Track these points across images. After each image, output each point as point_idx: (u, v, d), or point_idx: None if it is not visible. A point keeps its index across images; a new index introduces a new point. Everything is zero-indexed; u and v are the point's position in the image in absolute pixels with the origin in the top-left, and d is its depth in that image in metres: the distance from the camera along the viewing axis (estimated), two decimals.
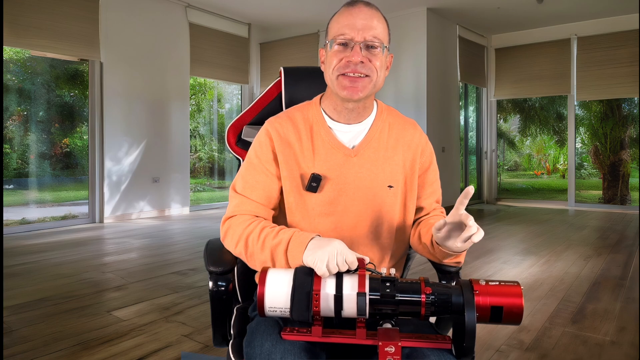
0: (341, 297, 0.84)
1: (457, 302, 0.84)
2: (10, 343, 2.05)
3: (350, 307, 0.84)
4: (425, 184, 1.15)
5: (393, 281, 0.85)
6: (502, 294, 0.83)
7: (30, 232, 4.82)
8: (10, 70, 5.23)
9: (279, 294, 0.85)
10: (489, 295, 0.83)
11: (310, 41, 7.08)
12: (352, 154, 1.07)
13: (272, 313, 0.86)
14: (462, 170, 7.54)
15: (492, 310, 0.83)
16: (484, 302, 0.83)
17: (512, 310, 0.83)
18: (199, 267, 3.38)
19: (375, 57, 1.00)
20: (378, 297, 0.84)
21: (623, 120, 8.07)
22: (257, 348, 0.86)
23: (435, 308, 0.84)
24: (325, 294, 0.84)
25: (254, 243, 0.97)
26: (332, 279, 0.86)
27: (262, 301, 0.86)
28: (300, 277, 0.86)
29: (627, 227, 5.26)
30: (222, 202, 7.30)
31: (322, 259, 0.86)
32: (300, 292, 0.84)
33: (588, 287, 2.95)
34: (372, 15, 1.01)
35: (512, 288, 0.84)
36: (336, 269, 0.86)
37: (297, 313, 0.84)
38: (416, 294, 0.84)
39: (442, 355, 0.87)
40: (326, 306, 0.84)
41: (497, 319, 0.83)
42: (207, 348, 2.02)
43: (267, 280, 0.87)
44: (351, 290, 0.84)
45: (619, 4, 6.01)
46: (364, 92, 1.01)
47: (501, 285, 0.85)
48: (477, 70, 7.46)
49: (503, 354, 1.98)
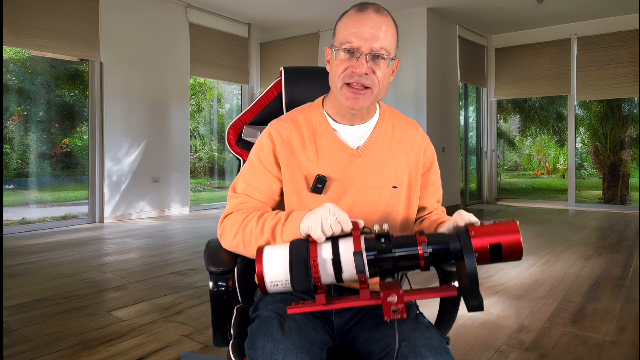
0: (339, 260, 0.84)
1: (455, 248, 0.84)
2: (10, 343, 2.04)
3: (349, 268, 0.84)
4: (428, 184, 1.16)
5: (387, 236, 0.85)
6: (498, 232, 0.84)
7: (30, 232, 4.82)
8: (10, 70, 5.22)
9: (277, 268, 0.86)
10: (485, 235, 0.83)
11: (310, 41, 7.08)
12: (356, 155, 1.07)
13: (274, 288, 0.86)
14: (462, 170, 7.54)
15: (491, 249, 0.83)
16: (482, 243, 0.83)
17: (511, 247, 0.83)
18: (199, 267, 3.38)
19: (379, 68, 1.00)
20: (375, 254, 0.84)
21: (623, 120, 8.07)
22: (260, 350, 0.86)
23: (434, 258, 0.84)
24: (322, 260, 0.85)
25: (253, 229, 0.98)
26: (328, 245, 0.86)
27: (262, 279, 0.86)
28: (296, 247, 0.87)
29: (627, 227, 5.26)
30: (222, 202, 7.29)
31: (316, 221, 0.87)
32: (297, 262, 0.85)
33: (588, 287, 2.95)
34: (381, 24, 0.99)
35: (507, 225, 0.84)
36: (330, 230, 0.87)
37: (297, 283, 0.84)
38: (412, 246, 0.84)
39: (440, 354, 0.87)
40: (325, 272, 0.85)
41: (497, 257, 0.84)
42: (207, 348, 2.02)
43: (264, 258, 0.87)
44: (347, 251, 0.85)
45: (619, 4, 6.01)
46: (365, 103, 1.02)
47: (496, 224, 0.85)
48: (477, 70, 7.46)
49: (503, 354, 1.98)
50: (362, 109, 1.04)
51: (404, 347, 0.89)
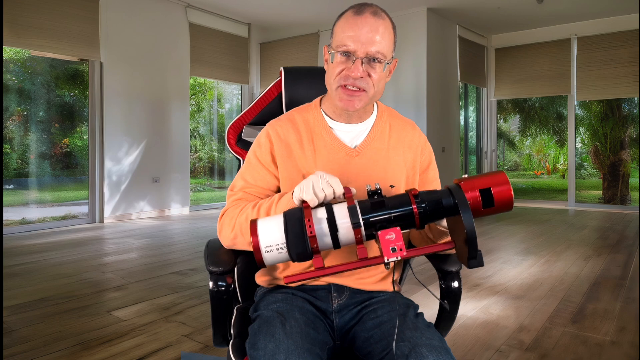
0: (333, 219, 0.84)
1: (448, 204, 0.84)
2: (10, 343, 2.04)
3: (344, 225, 0.84)
4: (426, 183, 1.16)
5: (379, 193, 0.86)
6: (487, 182, 0.84)
7: (30, 232, 4.82)
8: (10, 70, 5.22)
9: (272, 232, 0.85)
10: (475, 187, 0.84)
11: (310, 41, 7.08)
12: (354, 154, 1.08)
13: (270, 254, 0.85)
14: (462, 170, 7.54)
15: (482, 196, 0.83)
16: (473, 192, 0.83)
17: (501, 193, 0.83)
18: (199, 267, 3.38)
19: (374, 72, 1.00)
20: (369, 210, 0.84)
21: (623, 120, 8.07)
22: (261, 350, 0.86)
23: (428, 216, 0.85)
24: (317, 219, 0.85)
25: (249, 215, 0.99)
26: (322, 209, 0.87)
27: (257, 247, 0.85)
28: (290, 212, 0.86)
29: (627, 227, 5.26)
30: (222, 202, 7.30)
31: (307, 185, 0.89)
32: (292, 222, 0.84)
33: (588, 287, 2.95)
34: (378, 27, 0.99)
35: (496, 175, 0.85)
36: (322, 192, 0.88)
37: (294, 245, 0.84)
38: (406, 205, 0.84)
39: (441, 355, 0.87)
40: (321, 232, 0.84)
41: (489, 204, 0.83)
42: (207, 348, 2.02)
43: (258, 227, 0.87)
44: (341, 210, 0.85)
45: (619, 4, 6.01)
46: (360, 105, 1.03)
47: (485, 175, 0.85)
48: (477, 70, 7.46)
49: (503, 354, 1.98)
50: (356, 111, 1.05)
51: (404, 347, 0.89)
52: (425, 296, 2.67)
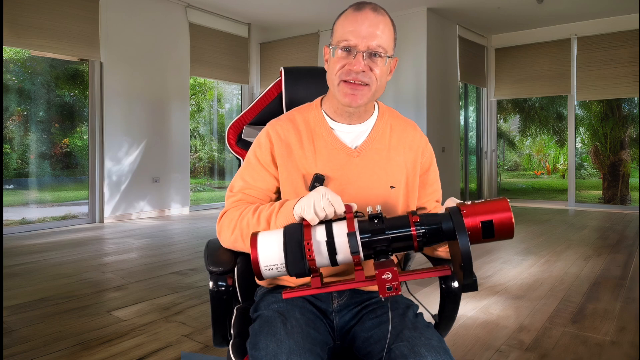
0: (333, 242, 0.85)
1: (447, 228, 0.84)
2: (10, 343, 2.04)
3: (343, 249, 0.84)
4: (427, 184, 1.16)
5: (380, 217, 0.86)
6: (489, 210, 0.83)
7: (30, 232, 4.82)
8: (10, 70, 5.22)
9: (272, 251, 0.86)
10: (477, 214, 0.83)
11: (310, 41, 7.08)
12: (354, 154, 1.07)
13: (269, 272, 0.86)
14: (462, 170, 7.54)
15: (483, 227, 0.83)
16: (474, 221, 0.83)
17: (502, 224, 0.83)
18: (199, 267, 3.38)
19: (376, 66, 1.00)
20: (369, 235, 0.84)
21: (623, 120, 8.07)
22: (263, 350, 0.86)
23: (427, 239, 0.84)
24: (317, 242, 0.85)
25: (250, 221, 0.98)
26: (322, 228, 0.87)
27: (257, 263, 0.86)
28: (290, 230, 0.87)
29: (627, 227, 5.26)
30: (222, 202, 7.29)
31: (309, 204, 0.88)
32: (292, 244, 0.85)
33: (588, 287, 2.95)
34: (378, 22, 0.99)
35: (498, 203, 0.84)
36: (323, 211, 0.87)
37: (292, 265, 0.84)
38: (406, 227, 0.85)
39: (440, 355, 0.87)
40: (320, 254, 0.85)
41: (489, 235, 0.83)
42: (207, 348, 2.02)
43: (258, 242, 0.87)
44: (341, 233, 0.85)
45: (619, 4, 6.01)
46: (363, 100, 1.02)
47: (487, 202, 0.85)
48: (477, 70, 7.46)
49: (503, 354, 1.98)
50: (359, 107, 1.04)
51: (403, 347, 0.89)
52: (425, 296, 2.67)
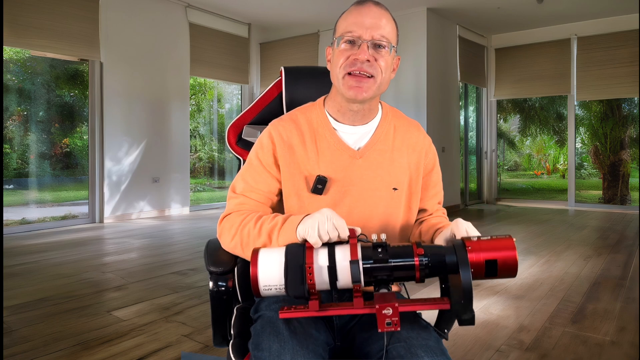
0: (334, 267, 0.84)
1: (451, 261, 0.83)
2: (10, 343, 2.04)
3: (344, 276, 0.84)
4: (429, 186, 1.15)
5: (384, 246, 0.85)
6: (494, 247, 0.83)
7: (30, 232, 4.82)
8: (10, 70, 5.22)
9: (272, 271, 0.85)
10: (482, 250, 0.83)
11: (310, 41, 7.08)
12: (357, 156, 1.07)
13: (267, 292, 0.86)
14: (462, 170, 7.54)
15: (487, 265, 0.83)
16: (478, 257, 0.83)
17: (506, 263, 0.83)
18: (199, 267, 3.38)
19: (381, 57, 1.00)
20: (371, 263, 0.84)
21: (623, 120, 8.07)
22: (266, 350, 0.86)
23: (429, 270, 0.84)
24: (318, 267, 0.84)
25: (251, 230, 0.97)
26: (324, 251, 0.86)
27: (255, 281, 0.85)
28: (292, 252, 0.86)
29: (627, 227, 5.26)
30: (222, 202, 7.29)
31: (313, 226, 0.87)
32: (293, 267, 0.84)
33: (588, 287, 2.95)
34: (381, 15, 1.00)
35: (504, 241, 0.84)
36: (327, 235, 0.86)
37: (292, 288, 0.83)
38: (409, 257, 0.84)
39: (436, 354, 0.87)
40: (320, 278, 0.84)
41: (492, 273, 0.83)
42: (207, 348, 2.02)
43: (259, 260, 0.86)
44: (344, 259, 0.84)
45: (619, 4, 6.01)
46: (369, 93, 1.01)
47: (493, 240, 0.84)
48: (477, 70, 7.46)
49: (503, 354, 1.97)
50: (364, 100, 1.02)
51: (400, 348, 0.89)
52: (425, 296, 2.67)
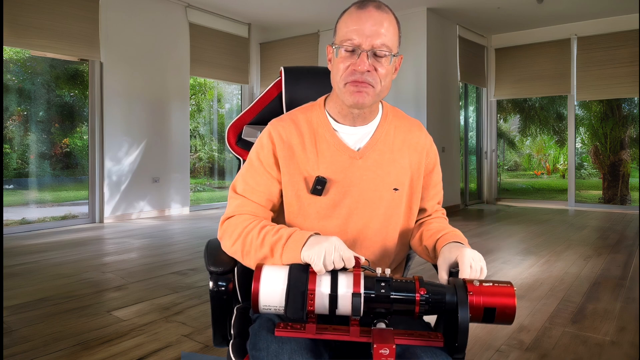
0: (336, 296, 0.84)
1: (450, 301, 0.84)
2: (10, 343, 2.04)
3: (345, 306, 0.84)
4: (429, 186, 1.15)
5: (388, 281, 0.85)
6: (495, 294, 0.84)
7: (30, 232, 4.82)
8: (10, 70, 5.22)
9: (273, 291, 0.85)
10: (482, 295, 0.84)
11: (310, 41, 7.08)
12: (357, 157, 1.06)
13: (267, 311, 0.86)
14: (462, 170, 7.54)
15: (485, 311, 0.84)
16: (477, 302, 0.84)
17: (504, 311, 0.84)
18: (199, 267, 3.38)
19: (381, 66, 0.98)
20: (373, 296, 0.84)
21: (623, 120, 8.07)
22: (264, 350, 0.86)
23: (429, 307, 0.85)
24: (320, 293, 0.84)
25: (254, 240, 0.96)
26: (327, 278, 0.86)
27: (256, 298, 0.85)
28: (295, 275, 0.86)
29: (627, 227, 5.26)
30: (222, 202, 7.29)
31: (319, 254, 0.86)
32: (295, 291, 0.84)
33: (588, 287, 2.95)
34: (382, 20, 0.97)
35: (505, 289, 0.85)
36: (332, 265, 0.86)
37: (291, 312, 0.84)
38: (410, 293, 0.85)
39: (436, 354, 0.87)
40: (321, 305, 0.84)
41: (489, 320, 0.85)
42: (207, 348, 2.02)
43: (261, 277, 0.86)
44: (346, 289, 0.84)
45: (619, 4, 6.01)
46: (369, 100, 1.00)
47: (494, 286, 0.85)
48: (477, 70, 7.46)
49: (503, 354, 1.98)
50: (364, 106, 1.01)
51: (398, 347, 0.89)
52: None
